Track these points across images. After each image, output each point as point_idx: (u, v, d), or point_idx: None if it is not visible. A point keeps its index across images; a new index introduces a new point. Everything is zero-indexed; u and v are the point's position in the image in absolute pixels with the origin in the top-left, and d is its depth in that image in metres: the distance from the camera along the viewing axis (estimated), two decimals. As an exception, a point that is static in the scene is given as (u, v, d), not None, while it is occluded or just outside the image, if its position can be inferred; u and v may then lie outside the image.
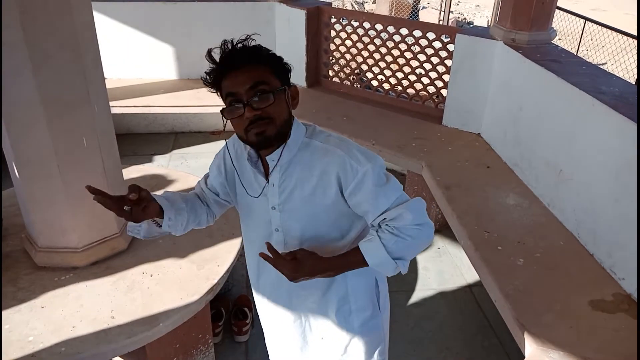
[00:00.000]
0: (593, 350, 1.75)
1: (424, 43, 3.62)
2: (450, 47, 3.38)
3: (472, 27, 5.51)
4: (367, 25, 3.83)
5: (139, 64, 4.44)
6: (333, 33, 4.03)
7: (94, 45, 2.05)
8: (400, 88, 3.85)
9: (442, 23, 8.01)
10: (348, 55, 4.04)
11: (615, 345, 1.78)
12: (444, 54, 3.49)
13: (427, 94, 3.73)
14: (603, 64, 7.56)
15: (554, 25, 3.13)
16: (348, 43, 4.01)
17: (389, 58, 3.82)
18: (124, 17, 4.22)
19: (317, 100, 3.97)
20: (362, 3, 12.19)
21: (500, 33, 3.04)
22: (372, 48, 3.87)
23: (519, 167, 2.85)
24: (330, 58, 4.17)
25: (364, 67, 4.02)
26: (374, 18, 3.92)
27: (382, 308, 1.53)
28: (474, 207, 2.58)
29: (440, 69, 3.58)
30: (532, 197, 2.66)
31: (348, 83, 4.16)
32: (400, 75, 3.80)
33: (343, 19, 3.95)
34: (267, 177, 1.34)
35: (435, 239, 3.40)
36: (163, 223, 1.33)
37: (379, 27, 3.80)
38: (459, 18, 11.67)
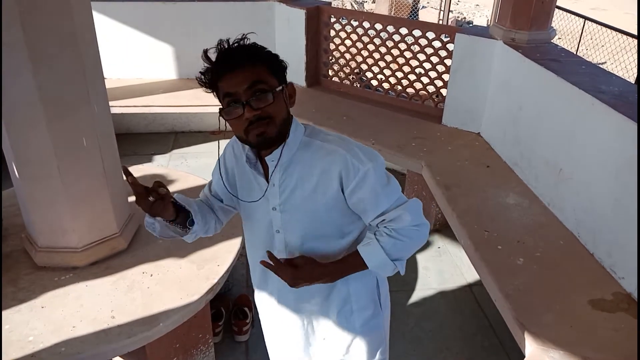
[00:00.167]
0: (593, 350, 1.75)
1: (424, 42, 3.62)
2: (450, 46, 3.38)
3: (471, 26, 5.51)
4: (366, 25, 3.83)
5: (139, 64, 4.44)
6: (332, 32, 4.03)
7: (94, 45, 2.05)
8: (400, 87, 3.84)
9: (441, 22, 8.01)
10: (348, 55, 4.04)
11: (615, 345, 1.78)
12: (444, 54, 3.49)
13: (426, 94, 3.73)
14: (603, 63, 7.57)
15: (554, 25, 3.13)
16: (348, 42, 4.01)
17: (389, 57, 3.82)
18: (124, 17, 4.22)
19: (316, 100, 3.97)
20: (361, 2, 12.18)
21: (500, 32, 3.04)
22: (371, 47, 3.87)
23: (519, 166, 2.85)
24: (330, 57, 4.17)
25: (364, 66, 4.02)
26: (374, 17, 3.92)
27: (383, 307, 1.54)
28: (474, 206, 2.58)
29: (440, 69, 3.58)
30: (532, 196, 2.66)
31: (348, 82, 4.16)
32: (400, 75, 3.80)
33: (342, 19, 3.95)
34: (266, 178, 1.34)
35: (435, 239, 3.40)
36: (193, 229, 1.37)
37: (379, 26, 3.80)
38: (459, 17, 11.67)
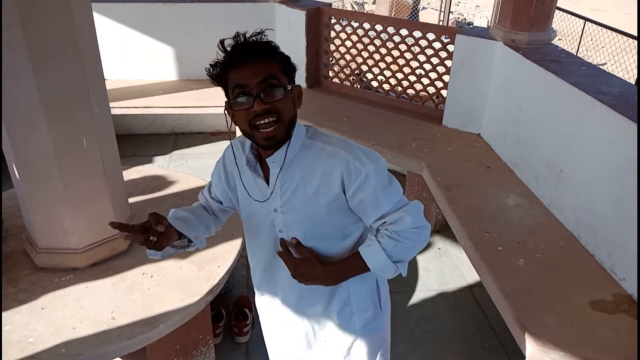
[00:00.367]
0: (593, 351, 1.75)
1: (424, 44, 3.62)
2: (450, 47, 3.38)
3: (472, 27, 5.51)
4: (367, 26, 3.83)
5: (139, 65, 4.44)
6: (333, 34, 4.03)
7: (94, 46, 2.05)
8: (400, 89, 3.85)
9: (442, 24, 8.01)
10: (348, 56, 4.04)
11: (616, 346, 1.78)
12: (444, 55, 3.49)
13: (427, 95, 3.73)
14: (603, 65, 7.56)
15: (554, 26, 3.13)
16: (348, 44, 4.01)
17: (389, 59, 3.82)
18: (124, 17, 4.22)
19: (317, 101, 3.97)
20: (362, 4, 12.19)
21: (500, 33, 3.04)
22: (372, 49, 3.87)
23: (519, 167, 2.85)
24: (330, 59, 4.17)
25: (364, 67, 4.02)
26: (374, 19, 3.92)
27: (383, 309, 1.53)
28: (474, 207, 2.58)
29: (440, 70, 3.58)
30: (532, 197, 2.66)
31: (348, 84, 4.16)
32: (400, 76, 3.80)
33: (343, 20, 3.95)
34: (266, 180, 1.33)
35: (436, 240, 3.40)
36: (191, 245, 1.40)
37: (379, 27, 3.80)
38: (459, 19, 11.67)
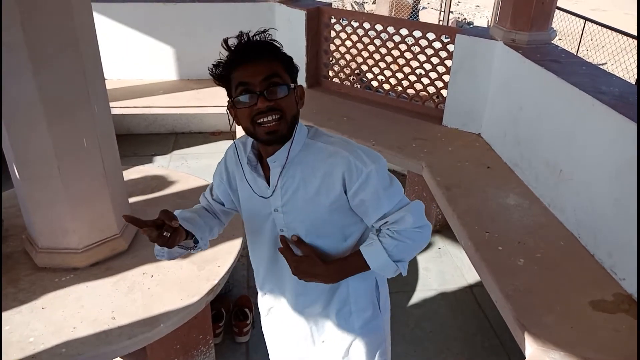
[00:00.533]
0: (594, 351, 1.75)
1: (424, 43, 3.62)
2: (450, 47, 3.38)
3: (472, 27, 5.51)
4: (367, 26, 3.83)
5: (139, 65, 4.44)
6: (333, 34, 4.03)
7: (94, 46, 2.05)
8: (401, 88, 3.84)
9: (442, 23, 8.01)
10: (348, 56, 4.04)
11: (616, 346, 1.78)
12: (444, 55, 3.49)
13: (427, 95, 3.73)
14: (603, 64, 7.56)
15: (554, 26, 3.13)
16: (348, 44, 4.01)
17: (389, 58, 3.82)
18: (124, 17, 4.22)
19: (317, 101, 3.97)
20: (362, 3, 12.19)
21: (500, 33, 3.04)
22: (372, 49, 3.87)
23: (519, 167, 2.85)
24: (331, 59, 4.17)
25: (364, 67, 4.02)
26: (374, 18, 3.92)
27: (382, 309, 1.53)
28: (475, 207, 2.58)
29: (440, 70, 3.57)
30: (532, 197, 2.66)
31: (348, 84, 4.16)
32: (400, 76, 3.80)
33: (343, 20, 3.95)
34: (267, 180, 1.33)
35: (436, 240, 3.40)
36: (196, 247, 1.39)
37: (379, 27, 3.80)
38: (459, 18, 11.67)
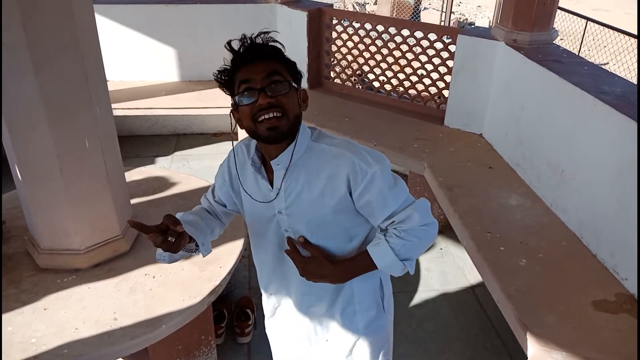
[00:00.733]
0: (595, 351, 1.74)
1: (426, 44, 3.62)
2: (452, 47, 3.38)
3: (473, 27, 5.51)
4: (368, 27, 3.83)
5: (141, 66, 4.44)
6: (334, 34, 4.03)
7: (96, 47, 2.05)
8: (402, 89, 3.84)
9: (443, 24, 8.02)
10: (349, 57, 4.04)
11: (618, 346, 1.77)
12: (446, 55, 3.49)
13: (428, 95, 3.72)
14: (605, 64, 7.55)
15: (556, 26, 3.13)
16: (349, 44, 4.01)
17: (391, 59, 3.82)
18: (126, 19, 4.23)
19: (318, 102, 3.97)
20: (363, 4, 12.20)
21: (502, 34, 3.04)
22: (373, 49, 3.87)
23: (521, 167, 2.85)
24: (332, 59, 4.17)
25: (366, 68, 4.02)
26: (376, 19, 3.92)
27: (386, 309, 1.53)
28: (476, 207, 2.58)
29: (442, 70, 3.57)
30: (534, 197, 2.65)
31: (350, 84, 4.16)
32: (402, 77, 3.80)
33: (344, 21, 3.95)
34: (270, 182, 1.33)
35: (438, 240, 3.39)
36: (197, 250, 1.39)
37: (381, 28, 3.80)
38: (460, 19, 11.67)
